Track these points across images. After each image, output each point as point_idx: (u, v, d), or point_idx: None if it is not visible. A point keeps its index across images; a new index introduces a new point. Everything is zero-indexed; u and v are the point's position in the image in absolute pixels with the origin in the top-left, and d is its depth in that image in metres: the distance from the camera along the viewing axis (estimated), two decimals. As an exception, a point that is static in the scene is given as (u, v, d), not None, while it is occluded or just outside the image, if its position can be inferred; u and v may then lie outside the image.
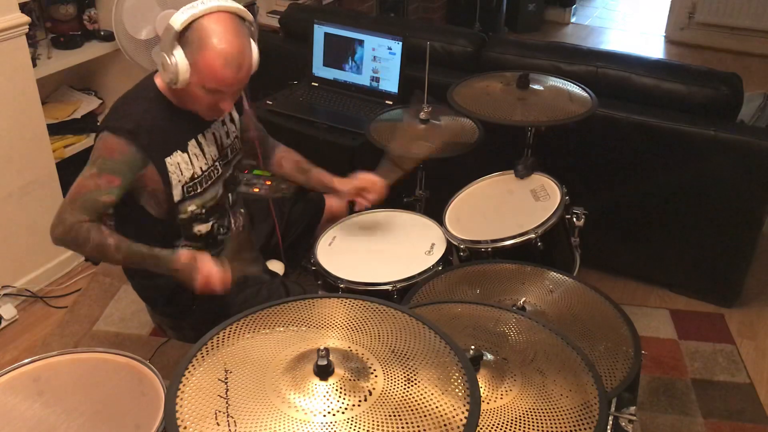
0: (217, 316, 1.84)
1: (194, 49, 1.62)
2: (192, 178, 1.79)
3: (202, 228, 1.87)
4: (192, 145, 1.80)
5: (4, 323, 2.62)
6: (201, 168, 1.82)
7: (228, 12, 1.64)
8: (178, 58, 1.62)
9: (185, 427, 1.03)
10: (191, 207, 1.82)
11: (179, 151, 1.77)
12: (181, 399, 1.08)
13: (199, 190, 1.82)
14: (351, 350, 1.18)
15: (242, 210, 2.02)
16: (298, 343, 1.19)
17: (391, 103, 2.76)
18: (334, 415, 1.05)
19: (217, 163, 1.87)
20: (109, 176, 1.67)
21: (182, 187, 1.78)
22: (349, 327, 1.24)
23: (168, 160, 1.74)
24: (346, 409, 1.06)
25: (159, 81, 1.76)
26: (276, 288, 1.95)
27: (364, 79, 2.85)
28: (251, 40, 1.71)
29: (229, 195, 1.96)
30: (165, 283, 1.88)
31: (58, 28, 2.99)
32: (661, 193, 2.67)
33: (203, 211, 1.85)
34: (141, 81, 1.81)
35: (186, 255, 1.71)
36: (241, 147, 2.00)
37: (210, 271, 1.69)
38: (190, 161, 1.79)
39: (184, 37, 1.62)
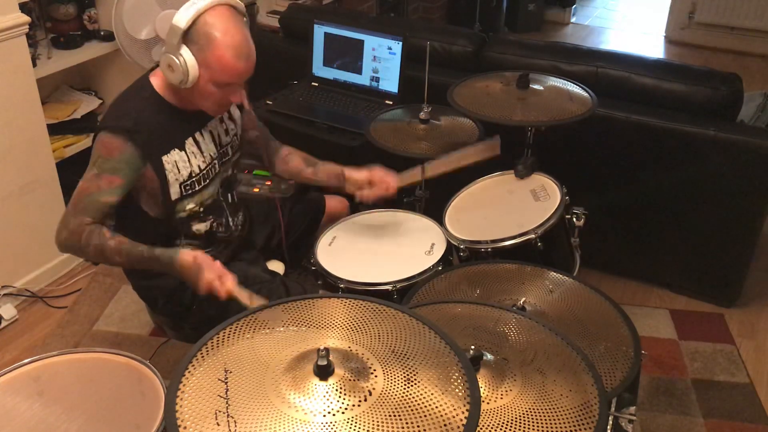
0: (217, 316, 1.84)
1: (202, 46, 1.62)
2: (190, 176, 1.80)
3: (200, 227, 1.87)
4: (189, 143, 1.80)
5: (4, 323, 2.62)
6: (199, 166, 1.82)
7: (227, 5, 1.66)
8: (187, 57, 1.63)
9: (185, 427, 1.03)
10: (189, 205, 1.82)
11: (176, 150, 1.77)
12: (181, 399, 1.08)
13: (197, 188, 1.82)
14: (351, 350, 1.18)
15: (242, 210, 2.02)
16: (298, 343, 1.19)
17: (391, 103, 2.76)
18: (334, 415, 1.05)
19: (215, 161, 1.87)
20: (109, 177, 1.67)
21: (180, 185, 1.78)
22: (349, 327, 1.24)
23: (165, 158, 1.74)
24: (346, 409, 1.06)
25: (156, 80, 1.76)
26: (276, 287, 1.95)
27: (364, 79, 2.85)
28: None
29: (228, 194, 1.96)
30: (165, 283, 1.88)
31: (58, 28, 2.99)
32: (661, 193, 2.66)
33: (201, 209, 1.86)
34: (136, 81, 1.81)
35: (188, 255, 1.68)
36: (241, 145, 1.99)
37: (216, 274, 1.66)
38: (188, 159, 1.79)
39: (189, 35, 1.63)
